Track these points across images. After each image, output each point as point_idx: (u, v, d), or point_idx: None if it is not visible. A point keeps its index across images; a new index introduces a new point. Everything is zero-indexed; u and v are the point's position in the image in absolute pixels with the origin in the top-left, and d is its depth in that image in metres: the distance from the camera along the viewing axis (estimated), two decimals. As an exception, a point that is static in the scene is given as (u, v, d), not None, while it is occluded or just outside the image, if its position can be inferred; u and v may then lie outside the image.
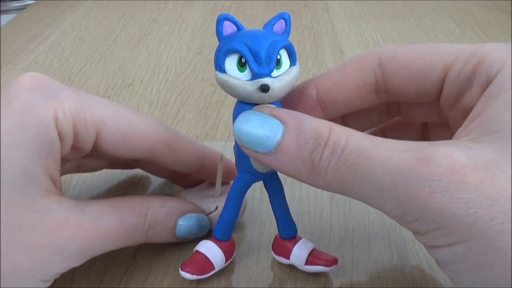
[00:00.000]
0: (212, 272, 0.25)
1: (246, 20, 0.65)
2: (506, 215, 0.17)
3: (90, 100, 0.24)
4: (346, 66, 0.24)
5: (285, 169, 0.21)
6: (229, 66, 0.21)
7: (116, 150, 0.25)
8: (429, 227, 0.19)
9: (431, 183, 0.18)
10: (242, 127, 0.21)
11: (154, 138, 0.25)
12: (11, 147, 0.21)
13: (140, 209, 0.25)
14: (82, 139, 0.24)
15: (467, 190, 0.18)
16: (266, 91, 0.21)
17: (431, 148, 0.19)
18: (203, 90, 0.47)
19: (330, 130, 0.20)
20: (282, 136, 0.21)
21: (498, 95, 0.19)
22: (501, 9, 0.69)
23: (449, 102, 0.23)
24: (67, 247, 0.22)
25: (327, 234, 0.29)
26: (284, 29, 0.22)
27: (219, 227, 0.25)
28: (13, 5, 0.79)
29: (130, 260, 0.27)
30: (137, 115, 0.26)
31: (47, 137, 0.22)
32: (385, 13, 0.68)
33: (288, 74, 0.22)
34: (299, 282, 0.26)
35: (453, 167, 0.18)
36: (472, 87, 0.21)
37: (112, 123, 0.24)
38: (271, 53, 0.21)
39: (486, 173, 0.18)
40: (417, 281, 0.26)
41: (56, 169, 0.23)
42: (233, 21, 0.22)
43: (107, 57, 0.55)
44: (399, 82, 0.23)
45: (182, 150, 0.27)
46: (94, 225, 0.23)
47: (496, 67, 0.20)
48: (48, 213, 0.22)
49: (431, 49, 0.22)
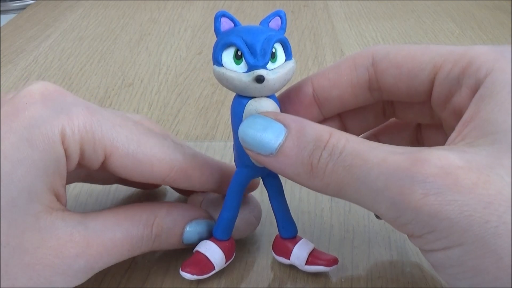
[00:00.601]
0: (212, 272, 0.25)
1: (246, 20, 0.65)
2: (500, 218, 0.17)
3: (103, 118, 0.23)
4: (340, 65, 0.24)
5: (285, 171, 0.22)
6: (226, 59, 0.22)
7: (125, 174, 0.24)
8: (423, 230, 0.19)
9: (424, 185, 0.18)
10: (246, 129, 0.22)
11: (169, 166, 0.24)
12: (15, 163, 0.21)
13: (146, 219, 0.24)
14: (88, 158, 0.23)
15: (461, 192, 0.18)
16: (261, 81, 0.21)
17: (426, 151, 0.19)
18: (203, 90, 0.47)
19: (330, 134, 0.21)
20: (284, 139, 0.21)
21: (490, 97, 0.19)
22: (501, 9, 0.69)
23: (439, 102, 0.23)
24: (72, 267, 0.21)
25: (327, 234, 0.29)
26: (280, 26, 0.23)
27: (219, 227, 0.25)
28: (13, 5, 0.79)
29: (130, 260, 0.27)
30: (153, 139, 0.24)
31: (53, 154, 0.21)
32: (385, 13, 0.68)
33: (284, 67, 0.22)
34: (299, 282, 0.26)
35: (447, 169, 0.18)
36: (461, 88, 0.21)
37: (123, 147, 0.23)
38: (266, 46, 0.21)
39: (480, 175, 0.18)
40: (417, 281, 0.26)
41: (61, 184, 0.22)
42: (230, 18, 0.22)
43: (107, 57, 0.55)
44: (390, 81, 0.23)
45: (198, 176, 0.25)
46: (99, 240, 0.22)
47: (485, 70, 0.20)
48: (51, 231, 0.21)
49: (422, 49, 0.23)
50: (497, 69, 0.20)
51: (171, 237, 0.25)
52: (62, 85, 0.49)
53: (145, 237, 0.24)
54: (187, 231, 0.25)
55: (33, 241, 0.21)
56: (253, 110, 0.22)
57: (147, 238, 0.24)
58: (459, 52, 0.22)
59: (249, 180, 0.25)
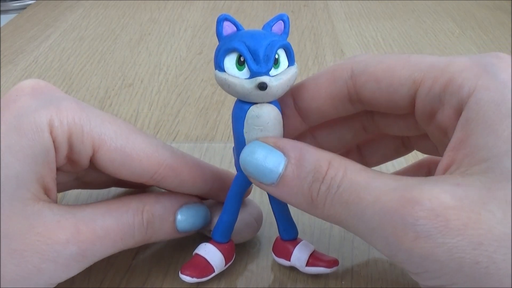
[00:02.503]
0: (212, 275, 0.25)
1: (246, 20, 0.65)
2: (490, 259, 0.17)
3: (93, 114, 0.23)
4: (320, 77, 0.24)
5: (287, 200, 0.22)
6: (228, 65, 0.22)
7: (114, 170, 0.24)
8: (417, 270, 0.19)
9: (415, 228, 0.18)
10: (248, 158, 0.22)
11: (157, 161, 0.24)
12: (3, 150, 0.21)
13: (136, 207, 0.24)
14: (77, 151, 0.23)
15: (450, 234, 0.18)
16: (264, 89, 0.21)
17: (418, 188, 0.19)
18: (203, 91, 0.47)
19: (329, 164, 0.21)
20: (284, 169, 0.21)
21: (477, 120, 0.19)
22: (501, 9, 0.69)
23: (424, 117, 0.22)
24: (62, 254, 0.21)
25: (327, 234, 0.29)
26: (283, 30, 0.23)
27: (218, 230, 0.25)
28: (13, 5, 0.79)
29: (130, 262, 0.27)
30: (142, 135, 0.24)
31: (41, 143, 0.21)
32: (385, 13, 0.68)
33: (286, 73, 0.22)
34: (299, 283, 0.26)
35: (437, 211, 0.18)
36: (443, 106, 0.21)
37: (111, 141, 0.23)
38: (269, 52, 0.21)
39: (471, 214, 0.18)
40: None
41: (50, 177, 0.22)
42: (232, 22, 0.22)
43: (107, 57, 0.55)
44: (369, 95, 0.23)
45: (187, 175, 0.25)
46: (89, 227, 0.22)
47: (467, 88, 0.20)
48: (39, 218, 0.21)
49: (402, 62, 0.22)
50: (480, 87, 0.19)
51: (164, 225, 0.25)
52: (62, 85, 0.49)
53: (136, 225, 0.24)
54: (180, 217, 0.25)
55: (21, 227, 0.21)
56: (255, 116, 0.22)
57: (138, 225, 0.24)
58: (439, 67, 0.21)
59: (250, 184, 0.25)
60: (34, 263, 0.21)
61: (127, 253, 0.28)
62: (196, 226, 0.26)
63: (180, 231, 0.26)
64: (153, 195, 0.25)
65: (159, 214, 0.25)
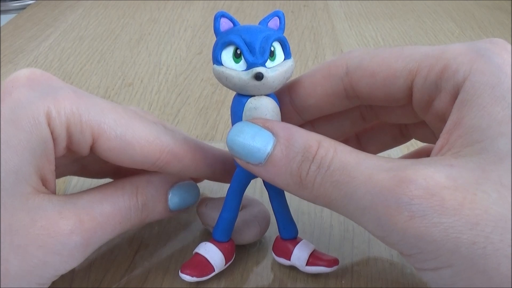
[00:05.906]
0: (212, 274, 0.25)
1: (246, 20, 0.65)
2: (487, 239, 0.17)
3: (91, 102, 0.23)
4: (316, 73, 0.24)
5: (274, 181, 0.22)
6: (225, 58, 0.22)
7: (115, 158, 0.23)
8: (411, 251, 0.19)
9: (410, 207, 0.18)
10: (235, 138, 0.22)
11: (159, 148, 0.24)
12: (1, 145, 0.21)
13: (130, 190, 0.24)
14: (76, 141, 0.22)
15: (446, 214, 0.17)
16: (260, 78, 0.21)
17: (412, 168, 0.19)
18: (203, 90, 0.47)
19: (319, 144, 0.21)
20: (273, 148, 0.21)
21: (471, 102, 0.19)
22: (501, 9, 0.69)
23: (421, 106, 0.22)
24: (66, 245, 0.21)
25: (327, 234, 0.29)
26: (279, 26, 0.23)
27: (219, 228, 0.25)
28: (13, 5, 0.79)
29: (130, 261, 0.27)
30: (143, 122, 0.24)
31: (39, 136, 0.21)
32: (385, 13, 0.68)
33: (282, 65, 0.22)
34: (299, 282, 0.26)
35: (432, 190, 0.18)
36: (441, 93, 0.21)
37: (110, 130, 0.23)
38: (265, 44, 0.22)
39: (467, 194, 0.18)
40: (417, 282, 0.26)
41: (49, 169, 0.22)
42: (229, 18, 0.23)
43: (107, 57, 0.55)
44: (366, 90, 0.23)
45: (190, 159, 0.25)
46: (90, 216, 0.22)
47: (463, 73, 0.20)
48: (40, 212, 0.21)
49: (396, 54, 0.22)
50: (475, 71, 0.20)
51: (156, 204, 0.25)
52: (62, 85, 0.49)
53: (132, 207, 0.24)
54: (171, 196, 0.25)
55: (23, 222, 0.21)
56: (253, 108, 0.22)
57: (134, 208, 0.24)
58: (434, 55, 0.21)
59: (250, 180, 0.25)
60: (39, 257, 0.21)
61: (127, 252, 0.28)
62: (187, 203, 0.26)
63: (172, 210, 0.26)
64: (144, 177, 0.25)
65: (152, 195, 0.25)
